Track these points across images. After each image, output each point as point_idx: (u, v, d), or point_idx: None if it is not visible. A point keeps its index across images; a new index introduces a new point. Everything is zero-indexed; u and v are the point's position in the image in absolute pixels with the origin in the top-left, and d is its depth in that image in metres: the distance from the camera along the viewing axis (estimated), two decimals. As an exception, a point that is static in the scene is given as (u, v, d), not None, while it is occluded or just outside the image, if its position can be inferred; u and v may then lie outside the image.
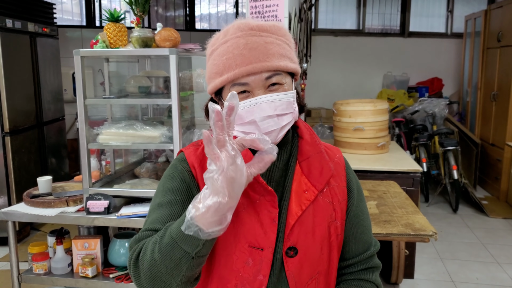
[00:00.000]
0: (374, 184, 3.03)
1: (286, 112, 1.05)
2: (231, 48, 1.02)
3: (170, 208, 1.02)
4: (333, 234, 1.11)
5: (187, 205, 0.97)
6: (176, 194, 1.05)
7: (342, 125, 3.81)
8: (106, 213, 2.34)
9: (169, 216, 1.01)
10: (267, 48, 1.02)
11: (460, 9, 7.04)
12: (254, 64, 1.01)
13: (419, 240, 2.16)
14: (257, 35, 1.03)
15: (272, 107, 1.02)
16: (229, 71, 1.02)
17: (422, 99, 6.12)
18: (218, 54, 1.05)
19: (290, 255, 1.06)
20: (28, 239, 4.17)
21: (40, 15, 4.61)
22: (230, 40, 1.04)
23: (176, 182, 1.06)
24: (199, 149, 1.13)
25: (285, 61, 1.05)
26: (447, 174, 5.21)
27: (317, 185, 1.09)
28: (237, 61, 1.01)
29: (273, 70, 1.03)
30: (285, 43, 1.07)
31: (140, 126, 2.42)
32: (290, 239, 1.06)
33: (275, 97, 1.03)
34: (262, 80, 1.02)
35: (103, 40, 2.32)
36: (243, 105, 1.03)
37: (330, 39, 6.93)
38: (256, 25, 1.05)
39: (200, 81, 2.69)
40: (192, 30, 6.72)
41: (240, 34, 1.03)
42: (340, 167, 1.17)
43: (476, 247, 4.09)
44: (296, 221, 1.06)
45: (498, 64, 5.50)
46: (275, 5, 2.64)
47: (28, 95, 4.34)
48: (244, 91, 1.03)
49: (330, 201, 1.11)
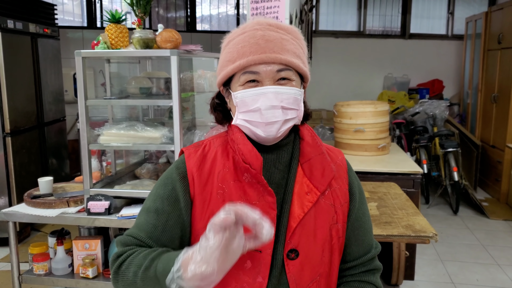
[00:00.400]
0: (375, 186, 3.03)
1: (292, 107, 1.06)
2: (247, 38, 1.04)
3: (156, 218, 1.07)
4: (334, 237, 1.11)
5: (172, 216, 1.05)
6: (164, 203, 1.08)
7: (342, 126, 3.81)
8: (107, 214, 2.34)
9: (153, 226, 1.06)
10: (282, 43, 1.04)
11: (461, 11, 7.04)
12: (268, 54, 1.02)
13: (420, 241, 2.16)
14: (275, 30, 1.05)
15: (279, 99, 1.03)
16: (242, 58, 1.03)
17: (422, 101, 6.12)
18: (234, 43, 1.06)
19: (291, 258, 1.06)
20: (29, 240, 4.18)
21: (41, 16, 4.62)
22: (247, 32, 1.06)
23: (167, 191, 1.09)
24: (199, 150, 1.13)
25: (297, 60, 1.06)
26: (448, 175, 5.21)
27: (319, 187, 1.09)
28: (252, 49, 1.02)
29: (285, 64, 1.04)
30: (299, 46, 1.09)
31: (141, 127, 2.43)
32: (292, 241, 1.06)
33: (282, 90, 1.04)
34: (273, 72, 1.03)
35: (104, 41, 2.32)
36: (250, 93, 1.04)
37: (331, 41, 6.94)
38: (274, 23, 1.07)
39: (201, 82, 2.69)
40: (193, 31, 6.73)
41: (259, 27, 1.05)
42: (342, 170, 1.17)
43: (476, 249, 4.09)
44: (298, 223, 1.06)
45: (498, 66, 5.50)
46: (276, 6, 2.64)
47: (29, 95, 4.35)
48: (253, 80, 1.04)
49: (332, 204, 1.11)
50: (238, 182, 1.07)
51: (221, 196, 1.06)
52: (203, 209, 1.07)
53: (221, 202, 1.06)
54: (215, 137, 1.17)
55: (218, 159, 1.10)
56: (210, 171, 1.09)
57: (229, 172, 1.08)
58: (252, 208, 0.86)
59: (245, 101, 1.05)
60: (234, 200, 1.06)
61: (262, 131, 1.05)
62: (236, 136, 1.09)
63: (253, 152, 1.06)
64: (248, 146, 1.07)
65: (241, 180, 1.07)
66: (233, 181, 1.07)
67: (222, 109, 1.17)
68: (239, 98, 1.06)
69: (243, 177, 1.07)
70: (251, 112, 1.05)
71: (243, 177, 1.07)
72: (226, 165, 1.09)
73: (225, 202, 1.06)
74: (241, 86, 1.05)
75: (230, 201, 1.06)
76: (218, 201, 1.06)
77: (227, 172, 1.08)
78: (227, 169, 1.08)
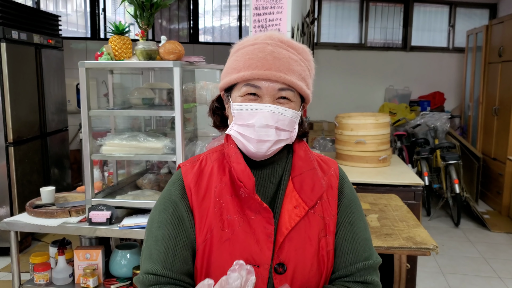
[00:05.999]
0: (376, 197, 3.03)
1: (286, 128, 1.06)
2: (257, 51, 1.05)
3: (165, 245, 1.07)
4: (323, 249, 1.09)
5: (179, 239, 1.06)
6: (169, 228, 1.08)
7: (344, 138, 3.82)
8: (108, 224, 2.34)
9: (165, 254, 1.06)
10: (290, 63, 1.04)
11: (462, 24, 7.09)
12: (273, 72, 1.02)
13: (420, 253, 2.16)
14: (285, 48, 1.06)
15: (275, 119, 1.04)
16: (247, 70, 1.04)
17: (424, 113, 6.13)
18: (243, 53, 1.07)
19: (279, 272, 1.06)
20: (30, 250, 4.17)
21: (45, 27, 4.66)
22: (258, 44, 1.06)
23: (169, 215, 1.09)
24: (196, 165, 1.14)
25: (301, 82, 1.06)
26: (449, 188, 5.20)
27: (308, 202, 1.08)
28: (258, 63, 1.03)
29: (287, 85, 1.04)
30: (307, 68, 1.09)
31: (143, 138, 2.44)
32: (280, 256, 1.06)
33: (280, 110, 1.04)
34: (274, 89, 1.04)
35: (108, 52, 2.34)
36: (248, 107, 1.05)
37: (332, 53, 6.98)
38: (286, 40, 1.07)
39: (203, 93, 2.71)
40: (196, 43, 6.78)
41: (270, 42, 1.06)
42: (334, 180, 1.16)
43: (477, 262, 4.07)
44: (284, 238, 1.06)
45: (499, 79, 5.52)
46: (278, 19, 2.67)
47: (32, 105, 4.37)
48: (253, 94, 1.05)
49: (322, 216, 1.10)
50: (235, 197, 1.07)
51: (218, 211, 1.07)
52: (201, 224, 1.08)
53: (218, 217, 1.06)
54: (211, 151, 1.17)
55: (215, 174, 1.11)
56: (208, 186, 1.10)
57: (226, 187, 1.08)
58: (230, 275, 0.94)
59: (241, 114, 1.06)
60: (232, 214, 1.06)
61: (253, 147, 1.06)
62: (231, 153, 1.10)
63: (246, 171, 1.06)
64: (241, 166, 1.07)
65: (238, 195, 1.07)
66: (230, 196, 1.07)
67: (221, 113, 1.18)
68: (237, 110, 1.07)
69: (240, 192, 1.07)
70: (246, 127, 1.05)
71: (239, 192, 1.07)
72: (223, 180, 1.09)
73: (223, 216, 1.06)
74: (240, 97, 1.06)
75: (228, 215, 1.06)
76: (215, 216, 1.07)
77: (224, 187, 1.08)
78: (224, 184, 1.09)
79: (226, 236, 1.05)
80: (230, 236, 1.05)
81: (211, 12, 6.92)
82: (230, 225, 1.06)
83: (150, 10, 2.34)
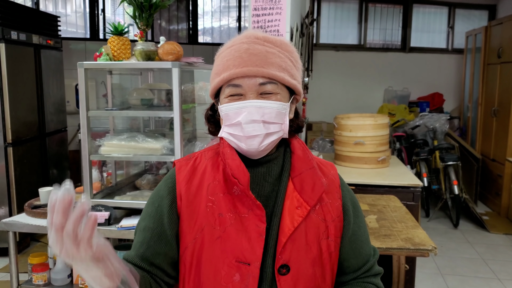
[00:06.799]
0: (374, 198, 3.03)
1: (274, 121, 1.06)
2: (233, 51, 1.06)
3: (142, 236, 1.12)
4: (325, 252, 1.10)
5: (155, 232, 1.09)
6: (150, 221, 1.12)
7: (342, 139, 3.82)
8: (107, 225, 2.34)
9: (140, 244, 1.11)
10: (267, 56, 1.04)
11: (461, 25, 7.09)
12: (250, 67, 1.03)
13: (419, 254, 2.16)
14: (261, 44, 1.06)
15: (260, 113, 1.04)
16: (226, 71, 1.05)
17: (423, 114, 6.14)
18: (222, 57, 1.08)
19: (283, 273, 1.06)
20: (28, 250, 4.17)
21: (44, 28, 4.66)
22: (235, 45, 1.07)
23: (154, 209, 1.12)
24: (190, 162, 1.15)
25: (283, 73, 1.06)
26: (448, 189, 5.21)
27: (309, 201, 1.09)
28: (235, 63, 1.04)
29: (268, 78, 1.04)
30: (288, 58, 1.08)
31: (142, 138, 2.44)
32: (282, 256, 1.06)
33: (264, 104, 1.04)
34: (255, 85, 1.04)
35: (106, 52, 2.35)
36: (232, 107, 1.05)
37: (331, 54, 6.98)
38: (262, 36, 1.08)
39: (202, 94, 2.71)
40: (195, 43, 6.78)
41: (245, 40, 1.07)
42: (335, 184, 1.17)
43: (476, 263, 4.08)
44: (288, 238, 1.06)
45: (498, 80, 5.53)
46: (277, 20, 2.67)
47: (31, 106, 4.37)
48: (238, 94, 1.05)
49: (323, 219, 1.11)
50: (228, 195, 1.07)
51: (210, 209, 1.07)
52: (191, 222, 1.08)
53: (210, 215, 1.06)
54: (207, 149, 1.18)
55: (208, 172, 1.11)
56: (200, 184, 1.10)
57: (219, 184, 1.08)
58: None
59: (228, 114, 1.06)
60: (224, 212, 1.06)
61: (244, 144, 1.06)
62: (226, 150, 1.10)
63: (241, 167, 1.06)
64: (236, 161, 1.07)
65: (231, 193, 1.07)
66: (223, 193, 1.07)
67: (215, 120, 1.18)
68: (224, 112, 1.07)
69: (233, 190, 1.07)
70: (234, 126, 1.06)
71: (232, 190, 1.07)
72: (216, 177, 1.09)
73: (215, 214, 1.06)
74: (226, 99, 1.07)
75: (220, 213, 1.06)
76: (207, 214, 1.07)
77: (217, 184, 1.08)
78: (217, 182, 1.09)
79: (217, 234, 1.05)
80: (221, 234, 1.05)
81: (210, 13, 6.92)
82: (221, 223, 1.06)
83: (149, 11, 2.34)
